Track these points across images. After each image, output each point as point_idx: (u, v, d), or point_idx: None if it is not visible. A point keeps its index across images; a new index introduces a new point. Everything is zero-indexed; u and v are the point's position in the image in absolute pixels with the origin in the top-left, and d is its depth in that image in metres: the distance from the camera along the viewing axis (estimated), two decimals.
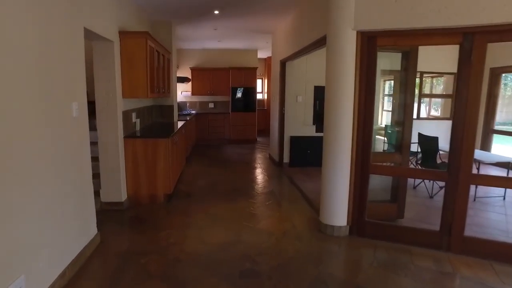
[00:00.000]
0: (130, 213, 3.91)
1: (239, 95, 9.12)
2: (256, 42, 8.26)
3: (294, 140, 6.31)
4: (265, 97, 11.58)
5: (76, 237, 2.68)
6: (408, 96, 3.54)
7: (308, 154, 6.37)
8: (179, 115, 7.60)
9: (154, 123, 5.52)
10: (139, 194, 4.14)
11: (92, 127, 3.71)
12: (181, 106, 9.23)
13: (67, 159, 2.52)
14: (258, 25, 6.26)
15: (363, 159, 3.21)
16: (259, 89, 11.24)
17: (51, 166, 2.27)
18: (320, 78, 6.24)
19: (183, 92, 9.44)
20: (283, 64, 6.09)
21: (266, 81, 11.37)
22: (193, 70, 9.13)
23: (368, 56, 3.06)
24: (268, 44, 8.31)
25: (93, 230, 3.03)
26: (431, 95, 7.95)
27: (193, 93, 9.22)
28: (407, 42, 2.99)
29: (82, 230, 2.81)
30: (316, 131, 6.39)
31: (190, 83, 9.17)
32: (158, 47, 4.61)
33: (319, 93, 6.26)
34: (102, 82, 3.67)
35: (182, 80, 7.73)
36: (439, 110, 8.26)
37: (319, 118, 6.34)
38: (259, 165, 6.62)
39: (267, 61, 11.15)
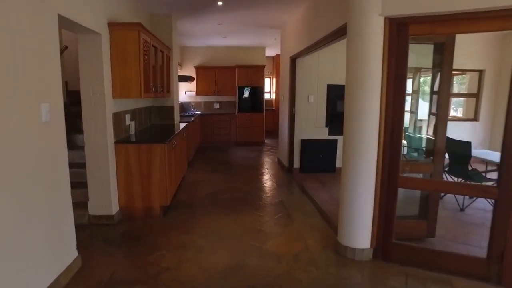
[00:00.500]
0: (121, 227, 3.46)
1: (246, 95, 8.65)
2: (264, 38, 7.78)
3: (305, 143, 5.81)
4: (273, 97, 11.09)
5: (48, 263, 2.23)
6: (443, 96, 3.01)
7: (320, 158, 5.86)
8: (182, 116, 7.16)
9: (152, 126, 5.08)
10: (132, 206, 3.69)
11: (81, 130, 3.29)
12: (185, 106, 8.80)
13: (34, 171, 2.07)
14: (266, 19, 5.78)
15: (391, 170, 2.69)
16: (267, 88, 10.76)
17: (10, 179, 1.82)
18: (334, 76, 5.76)
19: (187, 92, 9.01)
20: (293, 61, 5.59)
21: (274, 80, 10.87)
22: (197, 68, 8.69)
23: (398, 47, 2.55)
24: (277, 41, 7.83)
25: (72, 253, 2.58)
26: (455, 95, 7.35)
27: (197, 93, 8.78)
28: (448, 29, 2.46)
29: (57, 254, 2.36)
30: (329, 134, 5.87)
31: (194, 82, 8.73)
32: (155, 42, 4.16)
33: (333, 92, 5.75)
34: (89, 80, 3.23)
35: (185, 79, 7.29)
36: (460, 110, 7.66)
37: (332, 120, 5.83)
38: (267, 170, 6.14)
39: (275, 59, 10.65)
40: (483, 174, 4.33)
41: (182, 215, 3.83)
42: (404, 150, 4.20)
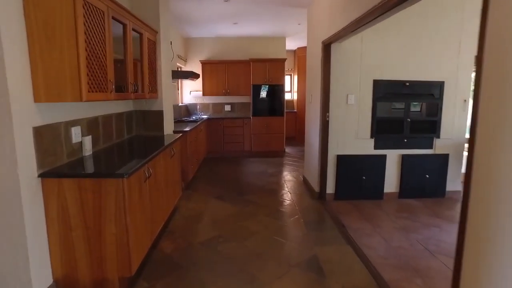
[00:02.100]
0: None
1: (263, 94, 7.14)
2: (284, 24, 6.25)
3: (343, 160, 4.25)
4: (295, 97, 9.52)
5: None
6: None
7: (363, 181, 4.29)
8: (183, 122, 5.74)
9: (129, 141, 3.65)
10: (75, 278, 2.26)
11: None
12: (190, 109, 7.41)
13: None
14: None
15: None
16: (287, 87, 9.23)
17: None
18: (384, 67, 4.14)
19: (192, 92, 7.60)
20: (326, 47, 4.05)
21: (295, 77, 9.31)
22: (204, 64, 7.25)
23: None
24: (301, 27, 6.28)
25: None
26: None
27: (204, 93, 7.34)
28: None
29: None
30: (376, 148, 4.29)
31: (200, 80, 7.30)
32: (121, 14, 2.72)
33: (381, 90, 4.16)
34: None
35: (186, 75, 5.87)
36: None
37: (380, 129, 4.24)
38: (289, 195, 4.60)
39: (297, 53, 9.09)
40: None
41: None
42: None
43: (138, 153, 3.11)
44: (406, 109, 4.24)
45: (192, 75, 5.91)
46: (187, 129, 4.68)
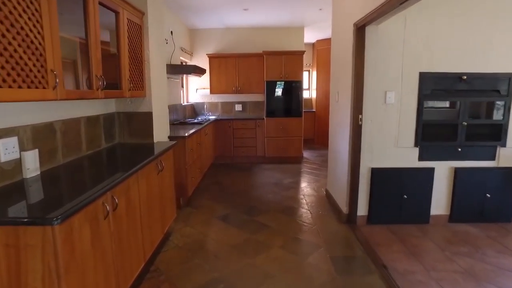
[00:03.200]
0: None
1: (278, 92, 6.29)
2: (303, 10, 5.37)
3: (379, 175, 3.36)
4: (313, 95, 8.62)
5: None
6: None
7: (404, 201, 3.39)
8: (186, 123, 4.97)
9: (105, 151, 2.88)
10: None
11: None
12: (197, 109, 6.65)
13: None
14: None
15: None
16: (304, 84, 8.34)
17: None
18: (435, 55, 3.11)
19: (198, 90, 6.82)
20: (360, 31, 3.16)
21: (314, 73, 8.40)
22: (211, 58, 6.45)
23: None
24: (322, 14, 5.40)
25: None
26: None
27: (212, 91, 6.54)
28: None
29: None
30: (421, 159, 3.37)
31: (208, 77, 6.51)
32: None
33: (430, 85, 3.24)
34: None
35: (189, 70, 5.08)
36: None
37: (428, 135, 3.33)
38: (310, 215, 3.74)
39: (316, 46, 8.19)
40: None
41: None
42: None
43: (110, 171, 2.33)
44: (461, 110, 3.30)
45: (196, 70, 5.12)
46: (187, 133, 3.89)
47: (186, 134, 3.81)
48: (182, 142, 3.76)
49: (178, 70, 5.01)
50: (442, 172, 3.41)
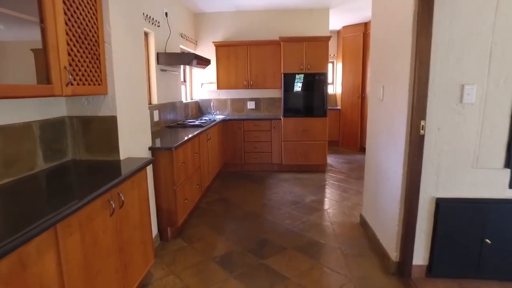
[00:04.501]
0: None
1: (297, 87, 5.23)
2: None
3: (448, 207, 2.27)
4: (338, 91, 7.47)
5: None
6: None
7: (485, 247, 2.30)
8: (186, 126, 4.03)
9: (44, 176, 1.95)
10: None
11: None
12: (203, 107, 5.71)
13: None
14: None
15: None
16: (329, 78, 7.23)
17: None
18: None
19: (204, 85, 5.85)
20: None
21: (339, 65, 7.25)
22: (218, 46, 5.44)
23: None
24: None
25: None
26: None
27: (219, 86, 5.55)
28: None
29: None
30: None
31: (214, 69, 5.53)
32: None
33: None
34: None
35: (188, 60, 4.08)
36: None
37: None
38: (342, 258, 2.70)
39: (341, 34, 7.03)
40: None
41: None
42: None
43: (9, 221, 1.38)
44: None
45: (197, 60, 4.13)
46: (175, 144, 2.90)
47: (174, 145, 2.82)
48: (168, 155, 2.79)
49: (174, 60, 4.05)
50: None
